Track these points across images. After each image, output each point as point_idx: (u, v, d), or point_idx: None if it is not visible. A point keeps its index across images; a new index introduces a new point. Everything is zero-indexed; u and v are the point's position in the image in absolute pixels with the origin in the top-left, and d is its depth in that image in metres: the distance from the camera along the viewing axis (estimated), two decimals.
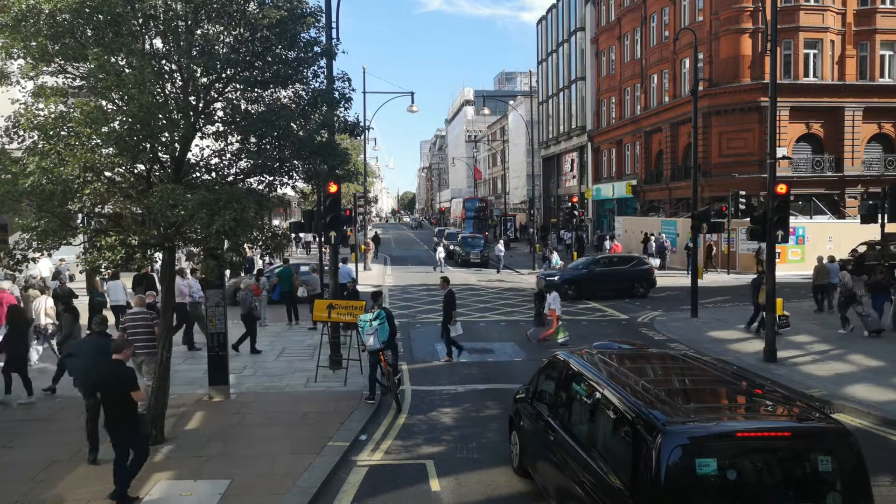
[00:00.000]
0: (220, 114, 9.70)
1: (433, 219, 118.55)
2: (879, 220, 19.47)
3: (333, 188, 13.57)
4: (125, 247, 8.28)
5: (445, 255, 39.48)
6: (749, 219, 19.05)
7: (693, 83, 21.54)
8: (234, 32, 9.20)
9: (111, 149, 8.08)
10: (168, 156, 9.14)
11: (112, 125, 8.02)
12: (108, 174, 8.71)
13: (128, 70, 8.06)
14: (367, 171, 44.11)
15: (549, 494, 7.17)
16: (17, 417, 10.60)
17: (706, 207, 26.69)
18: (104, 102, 8.31)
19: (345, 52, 27.52)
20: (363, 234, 40.42)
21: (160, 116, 8.17)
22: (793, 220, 21.81)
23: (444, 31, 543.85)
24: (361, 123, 12.05)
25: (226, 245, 9.13)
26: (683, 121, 36.88)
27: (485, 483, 8.29)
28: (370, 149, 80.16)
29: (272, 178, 10.17)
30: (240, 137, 9.70)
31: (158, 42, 8.95)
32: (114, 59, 8.17)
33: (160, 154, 9.04)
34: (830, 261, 20.08)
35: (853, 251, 27.68)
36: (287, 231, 12.99)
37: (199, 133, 9.41)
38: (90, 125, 7.72)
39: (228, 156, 9.82)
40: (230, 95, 9.69)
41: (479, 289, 27.70)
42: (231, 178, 9.81)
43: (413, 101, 33.15)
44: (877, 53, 34.54)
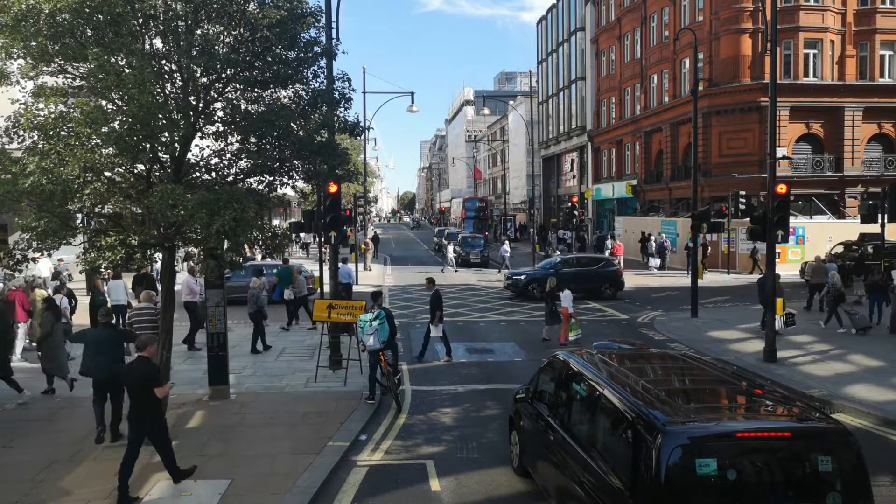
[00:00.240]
0: (220, 114, 9.72)
1: (433, 219, 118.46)
2: (879, 220, 19.46)
3: (333, 188, 13.58)
4: (125, 247, 8.29)
5: (445, 255, 39.31)
6: (749, 219, 19.04)
7: (693, 83, 21.53)
8: (234, 32, 9.21)
9: (111, 149, 8.09)
10: (168, 156, 9.15)
11: (112, 125, 8.03)
12: (108, 174, 8.72)
13: (128, 70, 8.07)
14: (367, 171, 44.11)
15: (549, 494, 7.17)
16: (17, 417, 10.59)
17: (706, 207, 26.66)
18: (104, 102, 8.32)
19: (345, 52, 27.59)
20: (363, 234, 40.42)
21: (160, 116, 8.18)
22: (793, 220, 21.83)
23: (444, 31, 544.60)
24: (361, 123, 12.06)
25: (226, 245, 9.13)
26: (683, 121, 36.89)
27: (485, 483, 8.29)
28: (370, 149, 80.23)
29: (272, 178, 10.18)
30: (240, 137, 9.71)
31: (158, 42, 8.96)
32: (114, 59, 8.18)
33: (160, 154, 9.04)
34: (825, 260, 20.11)
35: (830, 252, 27.55)
36: (287, 231, 12.98)
37: (199, 133, 9.42)
38: (90, 125, 7.73)
39: (228, 156, 9.83)
40: (230, 95, 9.71)
41: (480, 289, 27.68)
42: (231, 178, 9.82)
43: (413, 101, 33.14)
44: (877, 53, 34.54)
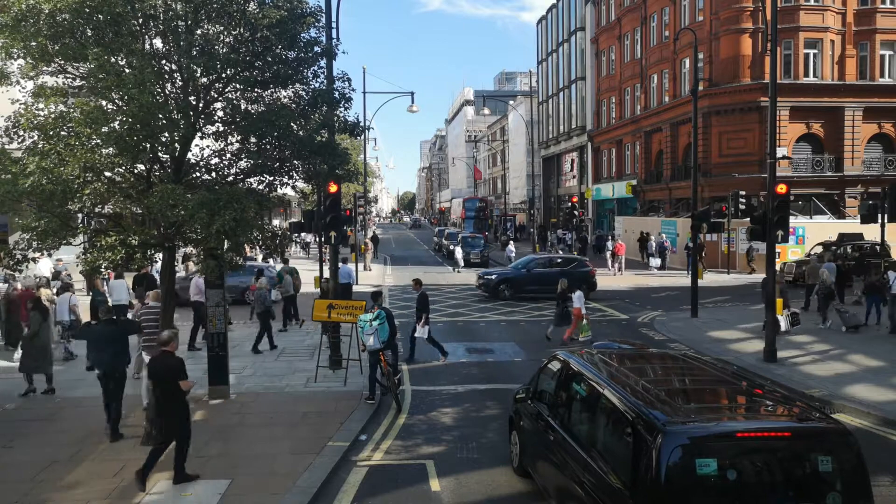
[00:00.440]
0: (220, 114, 9.71)
1: (433, 219, 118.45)
2: (879, 220, 19.47)
3: (333, 188, 13.58)
4: (125, 247, 8.28)
5: (446, 255, 39.29)
6: (749, 219, 19.04)
7: (693, 83, 21.53)
8: (234, 32, 9.21)
9: (111, 149, 8.09)
10: (168, 156, 9.15)
11: (112, 125, 8.02)
12: (108, 174, 8.72)
13: (128, 70, 8.07)
14: (367, 171, 44.11)
15: (549, 494, 7.17)
16: (17, 417, 10.60)
17: (706, 207, 26.66)
18: (104, 102, 8.31)
19: (345, 52, 27.53)
20: (363, 234, 40.41)
21: (160, 116, 8.18)
22: (793, 220, 21.79)
23: (444, 31, 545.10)
24: (361, 123, 12.06)
25: (226, 245, 9.13)
26: (683, 121, 36.88)
27: (485, 483, 8.29)
28: (370, 149, 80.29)
29: (272, 178, 10.17)
30: (240, 137, 9.71)
31: (158, 42, 8.95)
32: (114, 59, 8.17)
33: (160, 154, 9.04)
34: (820, 260, 20.15)
35: (808, 253, 27.42)
36: (287, 231, 12.98)
37: (199, 133, 9.41)
38: (90, 125, 7.73)
39: (228, 156, 9.83)
40: (230, 95, 9.70)
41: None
42: (231, 178, 9.81)
43: (413, 101, 33.15)
44: (877, 53, 34.53)
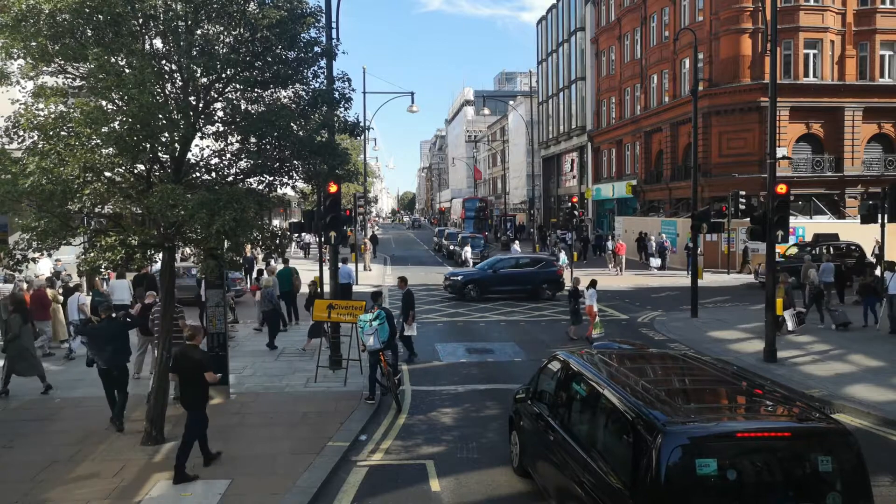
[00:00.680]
0: (220, 114, 9.70)
1: (433, 219, 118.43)
2: (879, 220, 19.45)
3: (333, 188, 13.58)
4: (125, 247, 8.28)
5: (445, 255, 39.23)
6: (749, 219, 19.05)
7: (693, 83, 21.53)
8: (234, 32, 9.19)
9: (111, 149, 8.07)
10: (168, 156, 9.14)
11: (112, 125, 8.01)
12: (108, 174, 8.71)
13: (128, 70, 8.06)
14: (367, 171, 44.09)
15: (549, 494, 7.17)
16: (17, 417, 10.60)
17: (706, 207, 26.66)
18: (104, 102, 8.30)
19: (345, 53, 27.64)
20: (363, 234, 40.40)
21: (160, 116, 8.17)
22: (793, 220, 21.76)
23: (444, 31, 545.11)
24: (361, 123, 12.04)
25: (226, 245, 9.13)
26: (683, 121, 36.87)
27: (485, 483, 8.29)
28: (370, 149, 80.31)
29: (272, 178, 10.16)
30: (240, 137, 9.69)
31: (158, 42, 8.94)
32: (114, 60, 8.16)
33: (160, 154, 9.03)
34: (816, 259, 20.24)
35: (782, 254, 27.14)
36: (287, 231, 12.98)
37: (199, 133, 9.40)
38: (90, 125, 7.72)
39: (228, 156, 9.81)
40: (230, 95, 9.69)
41: None
42: (231, 179, 9.80)
43: (413, 101, 33.15)
44: (877, 53, 34.52)
